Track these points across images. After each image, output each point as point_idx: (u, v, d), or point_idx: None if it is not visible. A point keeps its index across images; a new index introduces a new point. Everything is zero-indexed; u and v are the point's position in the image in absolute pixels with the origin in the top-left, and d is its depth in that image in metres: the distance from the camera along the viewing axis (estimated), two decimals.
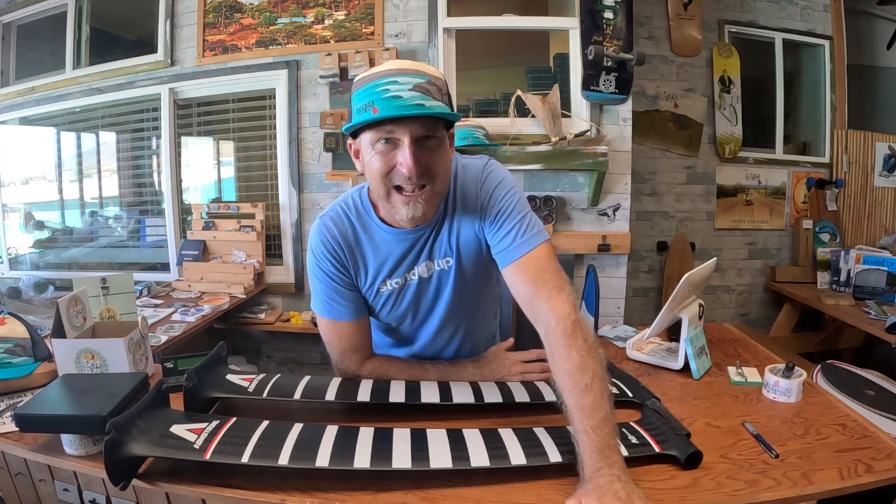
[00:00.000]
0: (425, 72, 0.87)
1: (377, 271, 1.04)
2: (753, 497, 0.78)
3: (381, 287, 1.05)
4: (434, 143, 0.89)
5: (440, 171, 0.91)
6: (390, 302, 1.07)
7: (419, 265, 1.04)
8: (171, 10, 2.85)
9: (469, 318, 1.15)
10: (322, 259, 1.03)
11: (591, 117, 2.58)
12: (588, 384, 0.80)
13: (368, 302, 1.08)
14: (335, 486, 0.79)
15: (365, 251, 1.04)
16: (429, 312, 1.11)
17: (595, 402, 0.78)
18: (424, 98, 0.84)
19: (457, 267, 1.04)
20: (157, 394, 0.88)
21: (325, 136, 2.67)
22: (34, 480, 0.98)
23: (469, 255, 1.04)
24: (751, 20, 3.30)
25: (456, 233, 1.03)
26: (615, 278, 2.69)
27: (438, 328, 1.12)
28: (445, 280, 1.06)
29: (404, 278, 1.05)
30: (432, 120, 0.87)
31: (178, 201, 3.04)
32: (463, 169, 1.03)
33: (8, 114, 3.25)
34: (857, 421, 1.00)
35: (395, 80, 0.84)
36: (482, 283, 1.11)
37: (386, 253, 1.03)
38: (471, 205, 1.01)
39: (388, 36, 2.67)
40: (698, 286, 1.28)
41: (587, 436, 0.76)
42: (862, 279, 2.86)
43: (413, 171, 0.86)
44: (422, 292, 1.07)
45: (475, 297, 1.12)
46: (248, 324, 2.78)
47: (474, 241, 1.03)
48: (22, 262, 3.39)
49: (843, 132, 3.41)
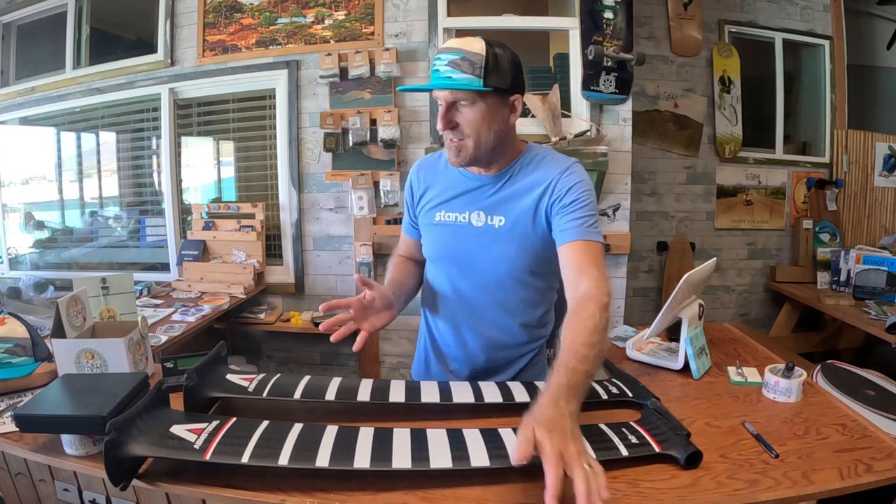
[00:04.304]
0: (463, 49, 1.03)
1: (439, 199, 1.21)
2: (753, 497, 0.78)
3: (436, 215, 1.21)
4: (464, 105, 1.06)
5: (473, 127, 1.07)
6: (442, 232, 1.20)
7: (473, 211, 1.17)
8: (171, 10, 2.85)
9: (510, 293, 1.19)
10: (406, 188, 1.31)
11: (591, 117, 2.58)
12: (593, 343, 0.87)
13: (425, 228, 1.25)
14: (335, 486, 0.79)
15: (437, 181, 1.24)
16: (473, 263, 1.18)
17: (588, 357, 0.85)
18: (454, 72, 1.02)
19: (508, 228, 1.14)
20: (157, 394, 0.88)
21: (325, 136, 2.67)
22: (34, 480, 0.98)
23: (521, 223, 1.14)
24: (751, 20, 3.31)
25: (516, 200, 1.14)
26: (615, 278, 2.68)
27: (482, 288, 1.19)
28: (494, 237, 1.15)
29: (456, 217, 1.18)
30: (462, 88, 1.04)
31: (178, 201, 3.04)
32: (546, 154, 1.18)
33: (8, 114, 3.25)
34: (857, 421, 1.00)
35: (441, 56, 1.04)
36: (529, 259, 1.15)
37: (452, 187, 1.20)
38: (543, 183, 1.12)
39: (388, 36, 2.67)
40: (698, 286, 1.28)
41: (566, 370, 0.81)
42: (862, 279, 2.86)
43: (441, 126, 1.07)
44: (470, 238, 1.17)
45: (519, 270, 1.16)
46: (248, 324, 2.78)
47: (531, 213, 1.13)
48: (22, 262, 3.39)
49: (843, 132, 3.41)
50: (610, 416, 1.01)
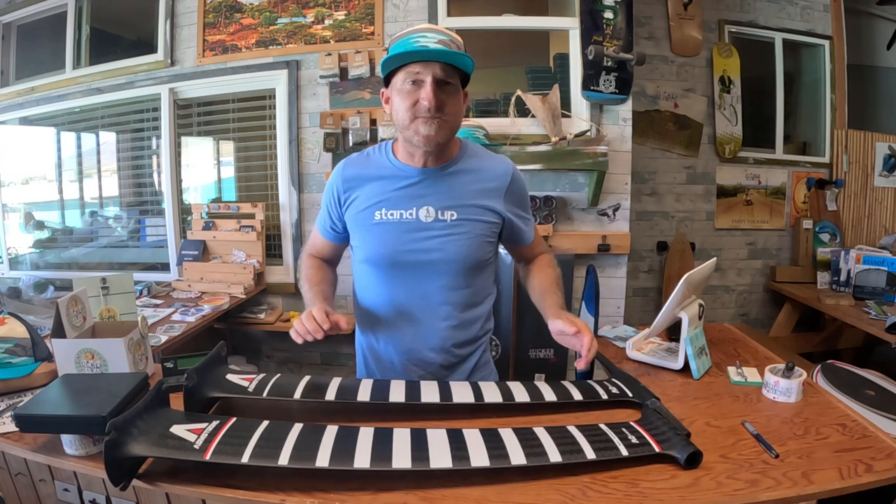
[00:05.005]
0: (447, 32, 1.07)
1: (376, 198, 1.15)
2: (753, 497, 0.78)
3: (376, 214, 1.14)
4: (451, 89, 1.06)
5: (453, 111, 1.08)
6: (384, 231, 1.14)
7: (420, 207, 1.13)
8: (171, 10, 2.85)
9: (465, 286, 1.18)
10: (327, 189, 1.23)
11: (591, 117, 2.58)
12: (557, 285, 1.23)
13: (361, 229, 1.18)
14: (335, 486, 0.79)
15: (369, 179, 1.17)
16: (425, 260, 1.14)
17: (557, 293, 1.20)
18: (447, 49, 1.03)
19: (459, 222, 1.14)
20: (157, 394, 0.88)
21: (325, 136, 2.67)
22: (34, 480, 0.98)
23: (472, 216, 1.15)
24: (751, 20, 3.30)
25: (465, 194, 1.15)
26: (615, 278, 2.69)
27: (437, 285, 1.16)
28: (446, 231, 1.13)
29: (402, 214, 1.14)
30: (451, 69, 1.04)
31: (178, 201, 3.04)
32: (484, 151, 1.22)
33: (8, 114, 3.24)
34: (857, 421, 1.00)
35: (425, 34, 1.04)
36: (480, 250, 1.16)
37: (388, 184, 1.15)
38: (494, 181, 1.17)
39: (388, 36, 2.67)
40: (698, 286, 1.28)
41: (553, 300, 1.17)
42: (862, 279, 2.86)
43: (432, 103, 1.03)
44: (419, 234, 1.13)
45: (473, 262, 1.16)
46: (248, 324, 2.78)
47: (481, 208, 1.16)
48: (22, 262, 3.39)
49: (843, 132, 3.41)
50: (610, 416, 1.01)
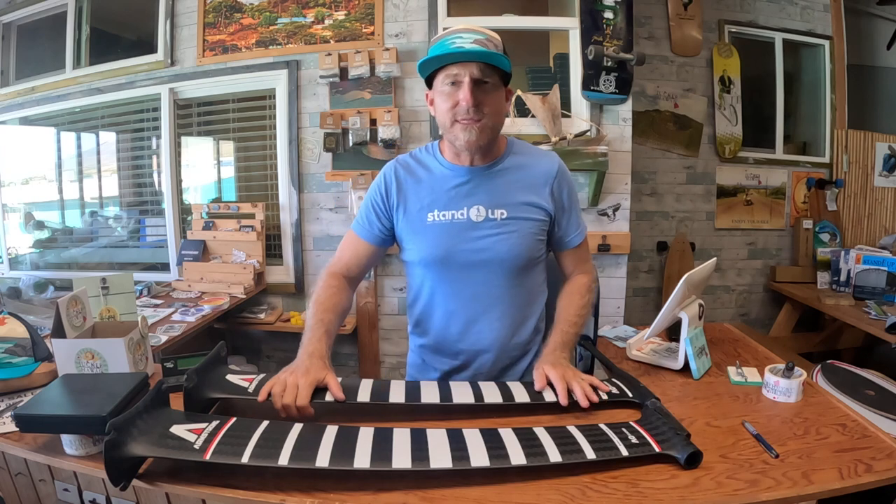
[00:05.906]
0: (484, 31, 1.07)
1: (428, 199, 1.16)
2: (753, 497, 0.78)
3: (429, 216, 1.15)
4: (489, 87, 1.06)
5: (493, 110, 1.08)
6: (438, 233, 1.15)
7: (470, 207, 1.14)
8: (171, 10, 2.85)
9: (519, 285, 1.18)
10: (374, 189, 1.21)
11: (591, 117, 2.58)
12: (582, 315, 1.18)
13: (414, 231, 1.17)
14: (335, 486, 0.79)
15: (420, 182, 1.18)
16: (478, 260, 1.14)
17: (578, 324, 1.15)
18: (483, 49, 1.03)
19: (509, 220, 1.14)
20: (157, 394, 0.88)
21: (325, 136, 2.67)
22: (34, 480, 0.98)
23: (522, 214, 1.15)
24: (751, 20, 3.30)
25: (514, 191, 1.15)
26: (615, 278, 2.69)
27: (493, 284, 1.17)
28: (497, 230, 1.14)
29: (453, 215, 1.14)
30: (489, 69, 1.04)
31: (178, 201, 3.04)
32: (530, 147, 1.22)
33: (8, 114, 3.24)
34: (857, 421, 1.00)
35: (461, 35, 1.05)
36: (531, 248, 1.16)
37: (438, 185, 1.16)
38: (541, 177, 1.17)
39: (388, 36, 2.67)
40: (698, 286, 1.28)
41: (562, 331, 1.13)
42: (862, 279, 2.86)
43: (469, 102, 1.03)
44: (471, 234, 1.14)
45: (525, 260, 1.16)
46: (248, 324, 2.78)
47: (530, 205, 1.16)
48: (22, 262, 3.39)
49: (843, 132, 3.41)
50: (610, 416, 1.01)
